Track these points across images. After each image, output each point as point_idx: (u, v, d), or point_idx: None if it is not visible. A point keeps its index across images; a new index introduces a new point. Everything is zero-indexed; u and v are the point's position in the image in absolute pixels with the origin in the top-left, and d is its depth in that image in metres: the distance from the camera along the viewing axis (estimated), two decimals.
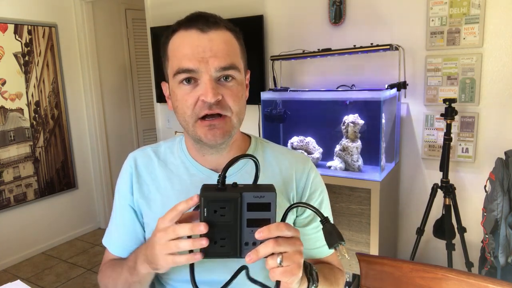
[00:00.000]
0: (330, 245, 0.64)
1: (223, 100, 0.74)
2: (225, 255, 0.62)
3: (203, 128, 0.75)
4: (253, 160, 0.65)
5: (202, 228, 0.59)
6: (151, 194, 0.84)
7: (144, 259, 0.69)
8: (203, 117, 0.74)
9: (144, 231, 0.86)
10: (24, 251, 3.13)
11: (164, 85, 0.84)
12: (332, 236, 0.64)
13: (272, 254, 0.60)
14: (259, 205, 0.60)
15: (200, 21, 0.74)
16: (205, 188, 0.62)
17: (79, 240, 3.46)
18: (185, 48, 0.73)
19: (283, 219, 0.65)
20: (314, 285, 0.71)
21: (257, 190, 0.61)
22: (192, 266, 0.64)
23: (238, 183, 0.63)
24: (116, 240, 0.88)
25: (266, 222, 0.61)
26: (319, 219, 0.88)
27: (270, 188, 0.61)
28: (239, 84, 0.76)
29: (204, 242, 0.60)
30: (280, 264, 0.59)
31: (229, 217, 0.60)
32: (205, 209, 0.60)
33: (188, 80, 0.73)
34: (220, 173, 0.62)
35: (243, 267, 0.65)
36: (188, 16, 0.76)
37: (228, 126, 0.75)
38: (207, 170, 0.83)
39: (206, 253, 0.61)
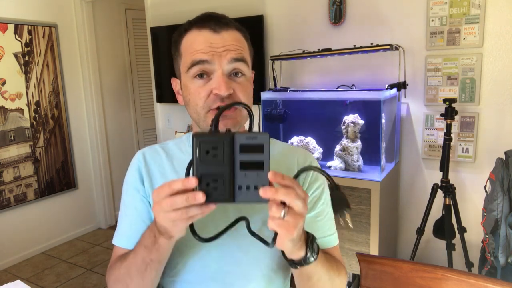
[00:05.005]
0: (335, 212, 0.67)
1: (234, 94, 0.77)
2: (218, 199, 0.60)
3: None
4: (246, 109, 0.67)
5: (200, 196, 0.59)
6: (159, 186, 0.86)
7: (158, 231, 0.69)
8: (215, 108, 0.77)
9: None
10: (24, 251, 3.13)
11: (174, 81, 0.88)
12: (342, 202, 0.67)
13: (283, 204, 0.60)
14: (252, 147, 0.59)
15: (212, 21, 0.78)
16: (198, 132, 0.62)
17: (79, 240, 3.46)
18: (199, 44, 0.77)
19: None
20: (313, 256, 0.71)
21: (250, 132, 0.60)
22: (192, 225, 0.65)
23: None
24: (130, 233, 0.86)
25: (259, 165, 0.60)
26: (319, 207, 0.88)
27: (263, 132, 0.60)
28: (247, 80, 0.81)
29: (201, 196, 0.59)
30: (283, 216, 0.60)
31: (221, 158, 0.59)
32: (197, 149, 0.59)
33: (201, 75, 0.77)
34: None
35: (243, 218, 0.65)
36: (199, 16, 0.80)
37: (239, 117, 0.80)
38: None
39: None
